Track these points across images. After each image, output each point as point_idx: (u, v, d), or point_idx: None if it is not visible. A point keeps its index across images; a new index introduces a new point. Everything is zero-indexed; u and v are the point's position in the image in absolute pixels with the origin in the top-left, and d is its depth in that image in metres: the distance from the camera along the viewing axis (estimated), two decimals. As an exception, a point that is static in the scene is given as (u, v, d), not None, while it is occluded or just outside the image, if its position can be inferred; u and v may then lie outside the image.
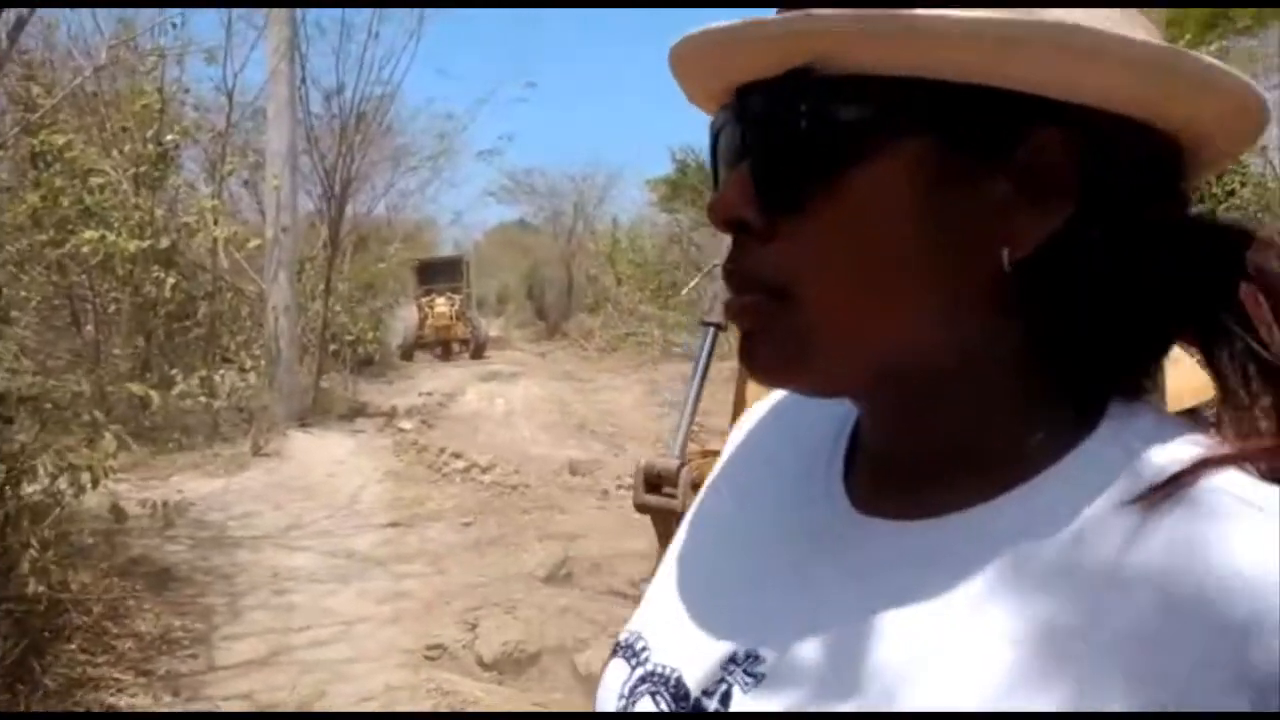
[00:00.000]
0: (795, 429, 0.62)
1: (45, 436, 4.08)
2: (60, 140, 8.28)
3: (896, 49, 0.44)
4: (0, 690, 3.41)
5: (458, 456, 8.75)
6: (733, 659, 0.52)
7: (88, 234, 8.17)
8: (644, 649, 0.58)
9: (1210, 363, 0.47)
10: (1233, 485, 0.43)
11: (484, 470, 8.38)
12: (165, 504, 5.22)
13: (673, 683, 0.54)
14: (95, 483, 4.05)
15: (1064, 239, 0.46)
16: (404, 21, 12.37)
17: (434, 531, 6.54)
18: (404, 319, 20.46)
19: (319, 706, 3.86)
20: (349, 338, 14.05)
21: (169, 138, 8.91)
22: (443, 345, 20.60)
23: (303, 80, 11.29)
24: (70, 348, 8.99)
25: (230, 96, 10.35)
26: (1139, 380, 0.49)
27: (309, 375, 11.55)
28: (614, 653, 0.60)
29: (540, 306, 29.16)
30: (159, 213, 9.06)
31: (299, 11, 10.76)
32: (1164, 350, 0.50)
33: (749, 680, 0.51)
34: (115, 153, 9.20)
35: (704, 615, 0.56)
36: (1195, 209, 0.50)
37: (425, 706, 3.92)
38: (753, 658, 0.52)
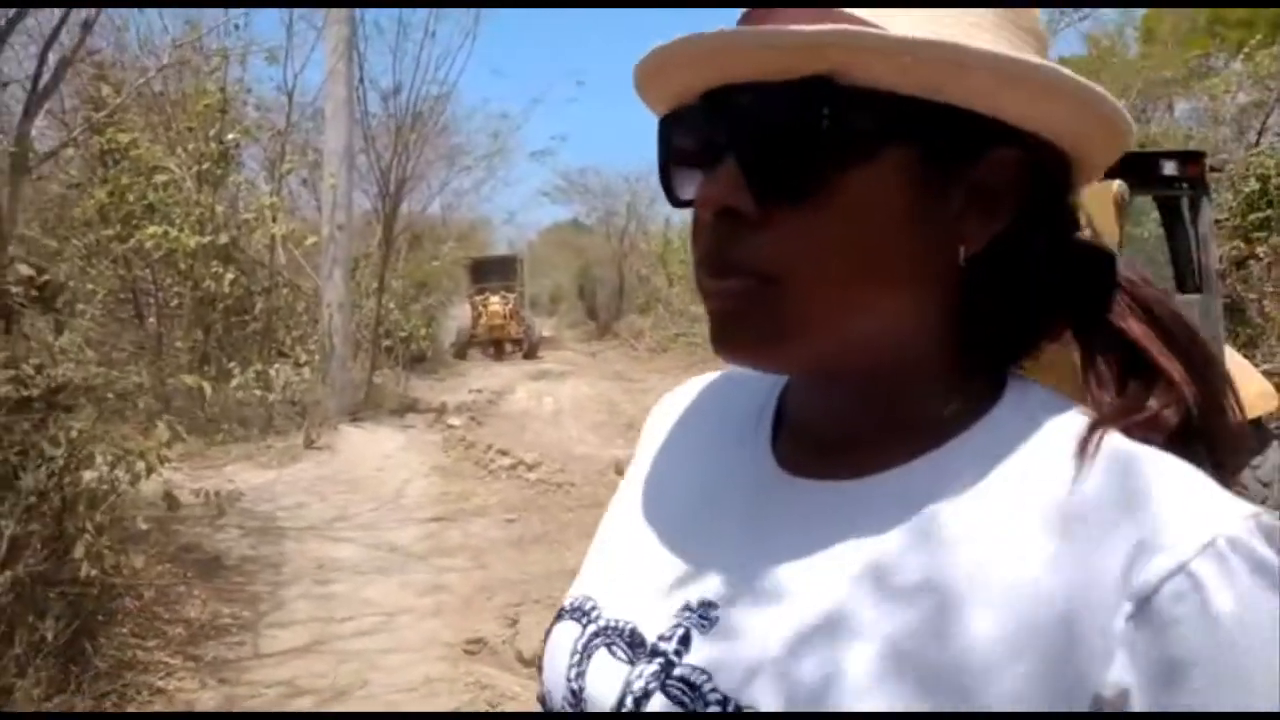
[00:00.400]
0: (722, 404, 0.67)
1: (103, 425, 4.21)
2: (126, 138, 8.54)
3: (910, 72, 0.50)
4: (54, 669, 3.51)
5: (504, 454, 8.81)
6: (687, 607, 0.57)
7: (151, 229, 8.42)
8: (594, 608, 0.61)
9: (1084, 349, 0.56)
10: (1122, 441, 0.51)
11: (530, 468, 8.44)
12: (217, 493, 5.34)
13: (628, 633, 0.58)
14: (150, 471, 4.16)
15: (1001, 242, 0.54)
16: (460, 21, 12.51)
17: (478, 527, 6.59)
18: (457, 317, 20.47)
19: (358, 696, 3.91)
20: (402, 334, 14.25)
21: (230, 136, 9.14)
22: (495, 344, 20.53)
23: (360, 80, 11.50)
24: (133, 340, 9.26)
25: (290, 96, 10.60)
26: (1026, 351, 0.58)
27: (362, 371, 11.74)
28: (559, 617, 0.63)
29: (591, 306, 29.28)
30: (220, 209, 9.31)
31: (357, 11, 10.96)
32: (1049, 337, 0.58)
33: (704, 623, 0.56)
34: (179, 150, 9.46)
35: (654, 572, 0.60)
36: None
37: (463, 700, 3.96)
38: (706, 604, 0.56)
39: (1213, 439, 0.53)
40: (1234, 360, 6.11)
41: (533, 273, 27.33)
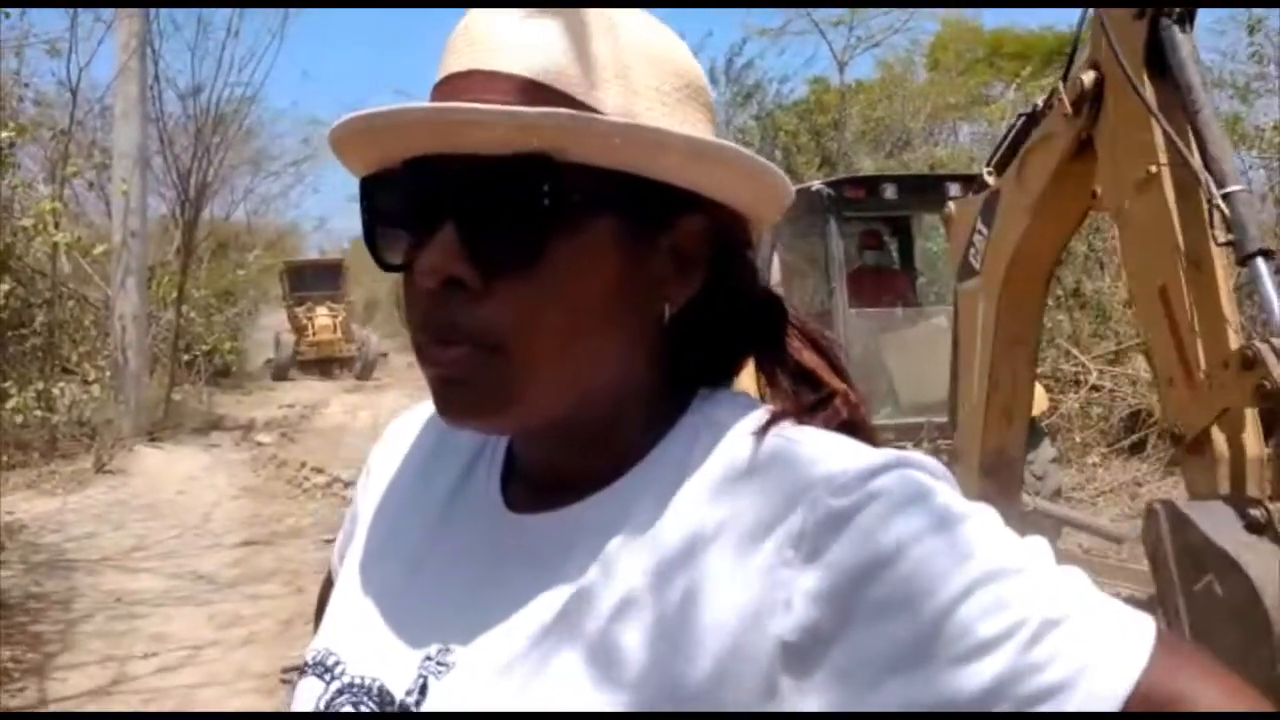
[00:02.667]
0: (444, 443, 0.70)
1: None
2: (-122, 134, 7.67)
3: (618, 152, 0.54)
4: None
5: (319, 471, 8.50)
6: (427, 657, 0.59)
7: (-91, 235, 7.59)
8: (337, 663, 0.62)
9: (767, 375, 0.64)
10: (791, 428, 0.59)
11: (346, 485, 8.17)
12: (-5, 526, 4.89)
13: (375, 691, 0.60)
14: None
15: (697, 296, 0.61)
16: (267, 21, 11.99)
17: (292, 550, 6.33)
18: (276, 332, 18.17)
19: (163, 737, 3.69)
20: (204, 348, 13.46)
21: (4, 134, 8.35)
22: (322, 364, 18.07)
23: (155, 78, 10.80)
24: (-112, 357, 8.31)
25: (74, 93, 9.80)
26: (720, 380, 0.65)
27: (159, 387, 11.01)
28: (303, 672, 0.64)
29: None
30: (-8, 214, 8.49)
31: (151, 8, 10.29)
32: (739, 363, 0.66)
33: (441, 668, 0.59)
34: (-58, 148, 8.57)
35: (394, 624, 0.62)
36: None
37: (279, 732, 3.80)
38: (444, 650, 0.59)
39: (864, 431, 0.62)
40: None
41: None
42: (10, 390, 8.02)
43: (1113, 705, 0.48)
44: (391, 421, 0.77)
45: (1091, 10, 2.48)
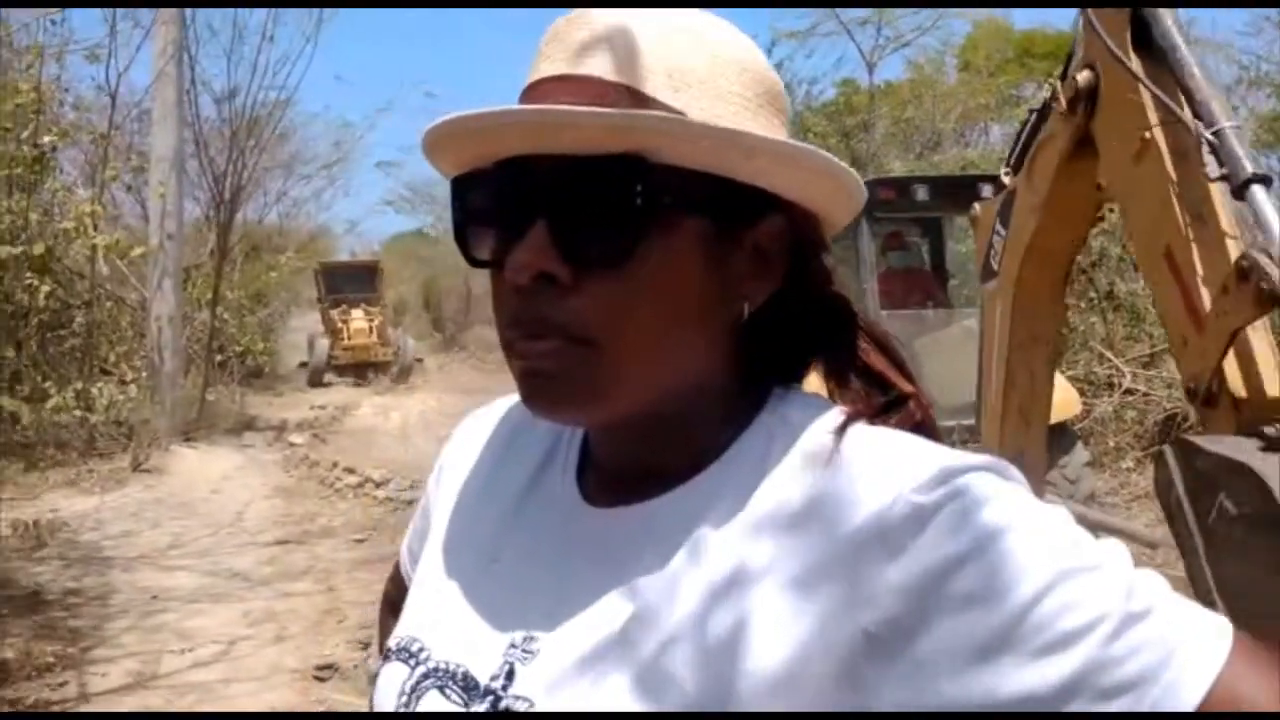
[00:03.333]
0: (517, 438, 0.72)
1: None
2: (-76, 138, 7.85)
3: (708, 154, 0.57)
4: None
5: (350, 471, 8.58)
6: (512, 644, 0.61)
7: (-47, 238, 7.75)
8: (421, 649, 0.64)
9: (836, 377, 0.66)
10: (867, 427, 0.60)
11: (378, 485, 8.24)
12: (36, 524, 4.98)
13: (460, 675, 0.62)
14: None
15: (774, 296, 0.63)
16: (300, 24, 12.12)
17: (324, 549, 6.40)
18: (310, 335, 17.63)
19: (198, 731, 3.74)
20: (238, 349, 13.62)
21: (46, 139, 8.51)
22: (358, 369, 17.31)
23: (191, 82, 10.95)
24: (-68, 358, 8.49)
25: (114, 97, 9.96)
26: (792, 380, 0.67)
27: (194, 388, 11.16)
28: (387, 658, 0.66)
29: (438, 318, 28.74)
30: (34, 217, 8.65)
31: (188, 11, 10.45)
32: (810, 363, 0.67)
33: (527, 655, 0.60)
34: (-15, 153, 8.74)
35: (476, 612, 0.64)
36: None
37: (312, 727, 3.85)
38: (528, 638, 0.61)
39: (934, 433, 0.63)
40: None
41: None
42: (50, 390, 8.17)
43: (1190, 703, 0.49)
44: (463, 419, 0.80)
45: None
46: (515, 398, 0.69)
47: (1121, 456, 8.18)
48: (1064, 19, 19.92)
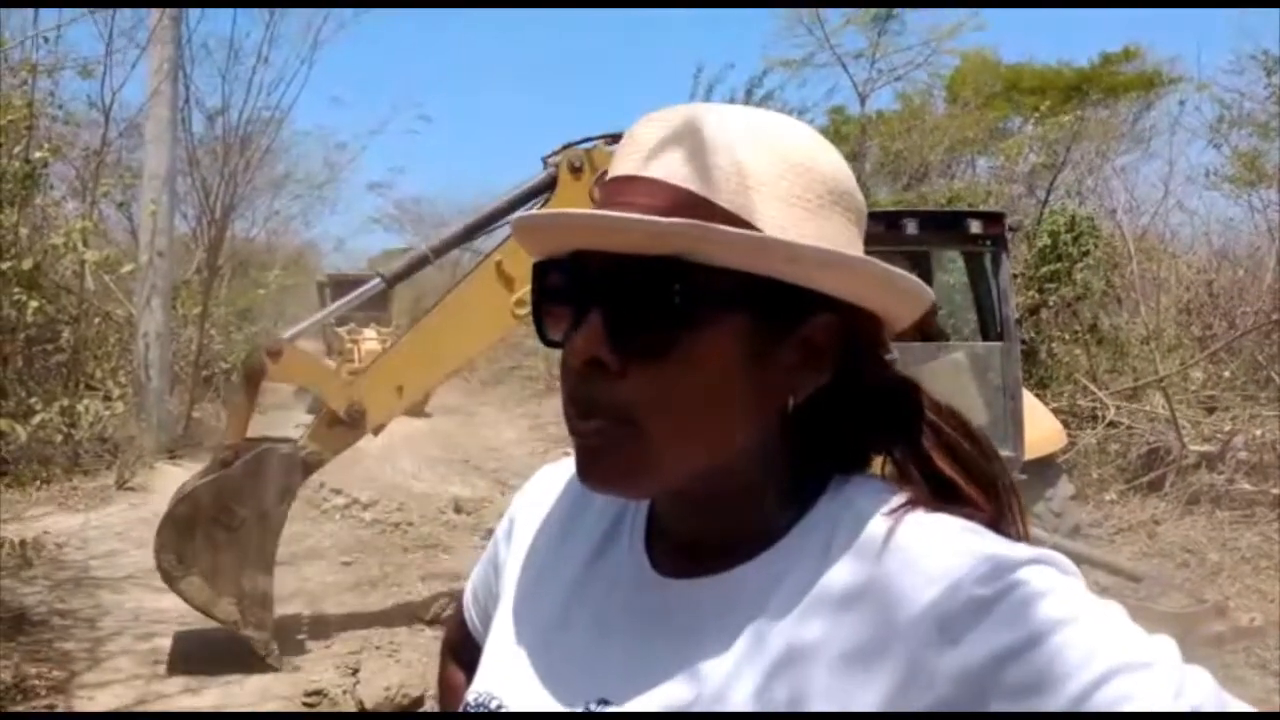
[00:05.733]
0: (584, 503, 0.77)
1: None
2: (-85, 152, 7.81)
3: (746, 256, 0.61)
4: None
5: (337, 492, 8.53)
6: (586, 706, 0.66)
7: (-58, 252, 7.70)
8: (499, 706, 0.69)
9: (897, 466, 0.68)
10: (928, 515, 0.63)
11: (365, 507, 8.21)
12: (23, 542, 4.94)
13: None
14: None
15: (825, 389, 0.66)
16: (296, 47, 12.17)
17: (312, 570, 6.36)
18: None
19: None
20: (224, 366, 13.55)
21: (38, 154, 8.49)
22: None
23: (185, 101, 10.96)
24: (-84, 371, 8.41)
25: (107, 114, 9.96)
26: (855, 466, 0.70)
27: (180, 405, 11.09)
28: (465, 713, 0.71)
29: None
30: (23, 232, 8.61)
31: (184, 31, 10.47)
32: (870, 455, 0.70)
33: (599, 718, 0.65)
34: (-24, 167, 8.71)
35: (550, 675, 0.69)
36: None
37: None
38: (603, 701, 0.65)
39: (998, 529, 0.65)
40: (1029, 402, 6.72)
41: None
42: (36, 406, 8.11)
43: None
44: (538, 471, 0.85)
45: None
46: None
47: (1105, 489, 8.26)
48: (1050, 53, 20.19)
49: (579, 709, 0.65)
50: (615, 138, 4.47)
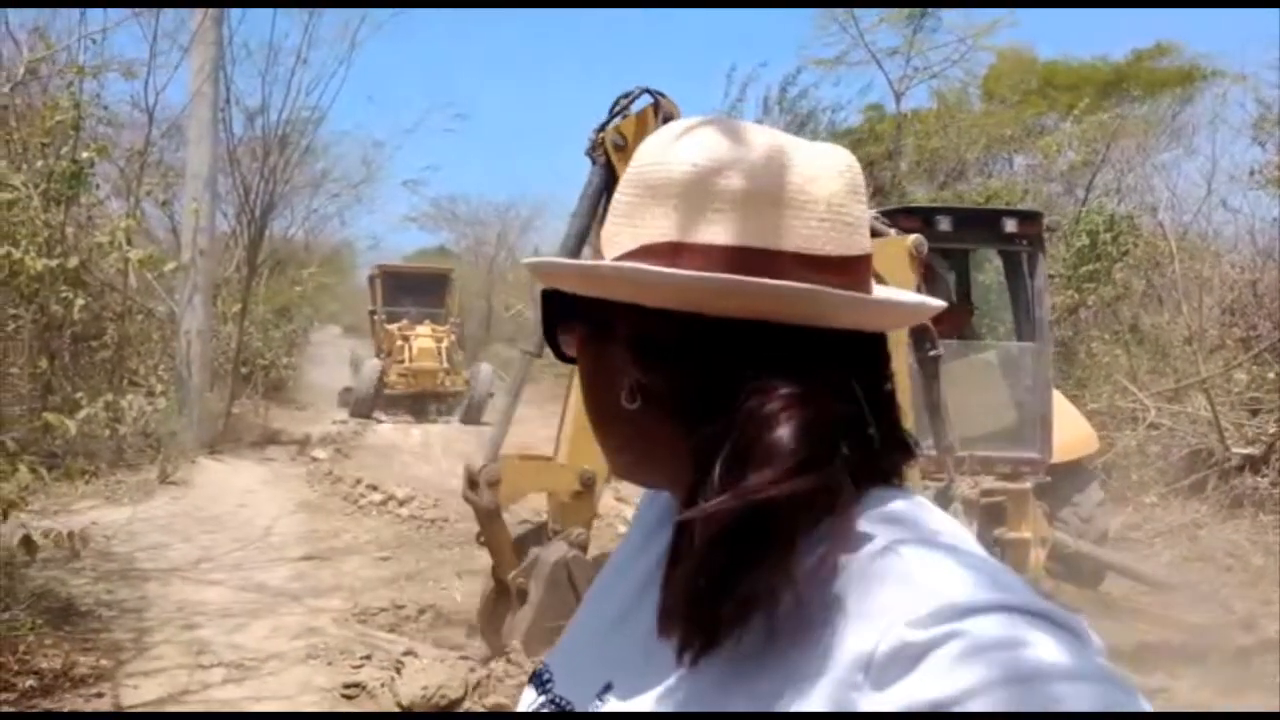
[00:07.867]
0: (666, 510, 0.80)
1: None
2: (-33, 153, 8.01)
3: (609, 289, 0.66)
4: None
5: (374, 488, 8.64)
6: (598, 692, 0.69)
7: (-7, 250, 7.88)
8: (549, 680, 0.74)
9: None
10: (909, 548, 0.59)
11: (401, 503, 8.30)
12: (72, 534, 5.05)
13: (566, 707, 0.71)
14: (5, 515, 3.93)
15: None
16: (334, 48, 12.33)
17: (351, 565, 6.46)
18: (353, 354, 15.28)
19: (232, 746, 3.79)
20: (262, 363, 13.75)
21: (85, 155, 8.67)
22: (417, 399, 14.35)
23: (226, 101, 11.14)
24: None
25: (151, 115, 10.15)
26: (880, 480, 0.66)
27: (220, 401, 11.28)
28: (530, 679, 0.77)
29: (459, 335, 28.81)
30: (70, 231, 8.81)
31: (225, 32, 10.64)
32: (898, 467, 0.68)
33: (598, 704, 0.68)
34: (24, 167, 8.91)
35: (590, 659, 0.73)
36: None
37: (341, 746, 3.89)
38: (609, 687, 0.68)
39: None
40: (1061, 406, 6.63)
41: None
42: (82, 401, 8.29)
43: None
44: None
45: None
46: None
47: (1145, 491, 8.16)
48: (1086, 49, 19.93)
49: (597, 691, 0.69)
50: (628, 99, 4.39)
